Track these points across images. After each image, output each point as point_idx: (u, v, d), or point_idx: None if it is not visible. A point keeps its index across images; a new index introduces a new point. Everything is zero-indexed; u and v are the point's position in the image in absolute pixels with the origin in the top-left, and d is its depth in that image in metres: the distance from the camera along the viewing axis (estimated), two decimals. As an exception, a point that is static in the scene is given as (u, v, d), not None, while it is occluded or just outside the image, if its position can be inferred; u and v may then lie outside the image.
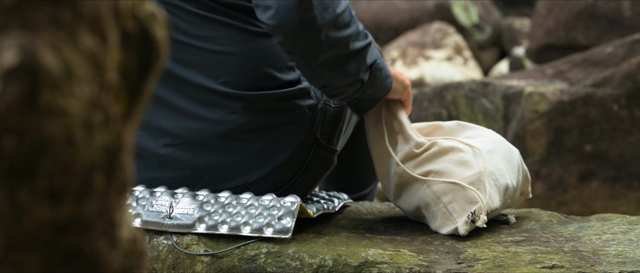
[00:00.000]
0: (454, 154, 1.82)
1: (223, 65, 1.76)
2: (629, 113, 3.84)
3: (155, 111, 1.79)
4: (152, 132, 1.80)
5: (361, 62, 1.71)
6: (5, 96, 0.63)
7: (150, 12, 0.75)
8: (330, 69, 1.69)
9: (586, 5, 5.49)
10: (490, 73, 7.51)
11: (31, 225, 0.65)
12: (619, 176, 3.85)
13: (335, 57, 1.68)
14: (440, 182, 1.80)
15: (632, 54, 4.03)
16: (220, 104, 1.77)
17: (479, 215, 1.75)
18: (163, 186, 1.78)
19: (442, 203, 1.79)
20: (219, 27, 1.76)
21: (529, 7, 8.65)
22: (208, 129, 1.77)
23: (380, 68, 1.77)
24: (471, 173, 1.79)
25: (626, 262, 1.59)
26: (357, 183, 2.08)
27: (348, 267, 1.61)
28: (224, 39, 1.77)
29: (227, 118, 1.77)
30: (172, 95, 1.79)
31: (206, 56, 1.77)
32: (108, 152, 0.69)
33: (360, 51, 1.71)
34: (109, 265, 0.70)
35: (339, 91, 1.75)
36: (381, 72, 1.77)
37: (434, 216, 1.82)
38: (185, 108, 1.78)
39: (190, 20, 1.76)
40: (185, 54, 1.77)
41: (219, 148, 1.78)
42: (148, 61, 0.75)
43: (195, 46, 1.77)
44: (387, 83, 1.80)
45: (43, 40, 0.65)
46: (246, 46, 1.77)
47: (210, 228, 1.70)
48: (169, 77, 1.78)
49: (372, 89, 1.78)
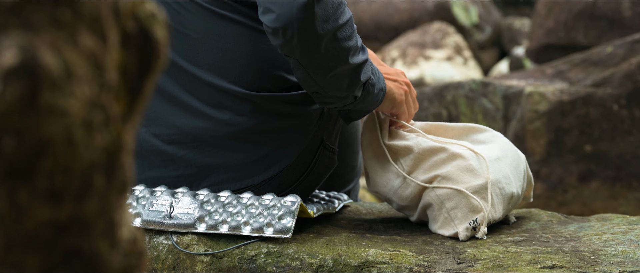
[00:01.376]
0: (462, 161, 1.82)
1: (233, 64, 1.76)
2: (629, 113, 3.84)
3: (164, 107, 1.79)
4: (159, 127, 1.80)
5: (356, 80, 1.72)
6: (5, 96, 0.63)
7: (150, 12, 0.75)
8: (325, 79, 1.69)
9: (586, 5, 5.49)
10: (490, 73, 7.51)
11: (31, 225, 0.65)
12: (619, 176, 3.85)
13: (332, 68, 1.68)
14: (445, 188, 1.80)
15: (632, 54, 4.03)
16: (228, 105, 1.76)
17: (481, 224, 1.77)
18: (163, 186, 1.78)
19: (446, 208, 1.79)
20: (231, 25, 1.76)
21: (529, 7, 8.65)
22: (216, 129, 1.77)
23: (373, 84, 1.77)
24: (477, 182, 1.79)
25: (626, 262, 1.59)
26: (338, 181, 2.08)
27: (348, 267, 1.61)
28: (235, 37, 1.76)
29: (235, 119, 1.77)
30: (181, 92, 1.78)
31: (217, 54, 1.76)
32: (108, 152, 0.69)
33: (357, 67, 1.70)
34: (109, 265, 0.70)
35: (330, 100, 1.75)
36: (374, 88, 1.78)
37: (435, 219, 1.82)
38: (194, 106, 1.78)
39: (203, 17, 1.75)
40: (196, 51, 1.76)
41: (225, 148, 1.78)
42: (148, 61, 0.75)
43: (207, 44, 1.76)
44: (379, 97, 1.80)
45: (43, 40, 0.65)
46: (257, 45, 1.76)
47: (211, 227, 1.70)
48: (180, 73, 1.77)
49: (363, 104, 1.79)
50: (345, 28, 1.66)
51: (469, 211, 1.77)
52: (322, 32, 1.62)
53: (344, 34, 1.66)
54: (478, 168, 1.81)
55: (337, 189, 2.07)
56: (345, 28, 1.66)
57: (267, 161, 1.80)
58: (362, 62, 1.72)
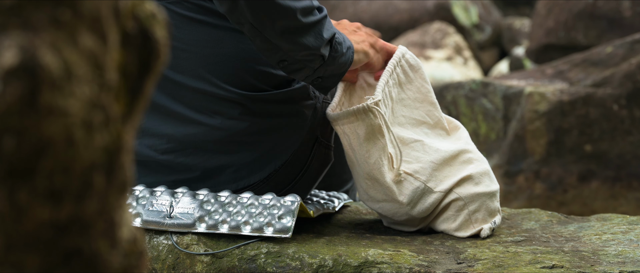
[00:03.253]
0: (480, 164, 1.84)
1: (217, 67, 1.75)
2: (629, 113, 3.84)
3: (153, 118, 1.78)
4: (152, 139, 1.79)
5: (318, 36, 1.67)
6: (5, 96, 0.63)
7: (150, 12, 0.75)
8: (286, 40, 1.65)
9: (586, 5, 5.49)
10: (490, 73, 7.51)
11: (31, 225, 0.65)
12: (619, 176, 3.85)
13: (289, 27, 1.64)
14: (469, 190, 1.81)
15: (632, 54, 4.03)
16: (217, 109, 1.75)
17: (498, 227, 1.83)
18: (163, 186, 1.78)
19: (468, 210, 1.79)
20: (209, 29, 1.75)
21: (529, 7, 8.65)
22: (208, 134, 1.76)
23: (340, 42, 1.72)
24: (494, 187, 1.84)
25: (626, 262, 1.59)
26: (337, 181, 2.07)
27: (348, 267, 1.61)
28: (215, 41, 1.75)
29: (226, 123, 1.76)
30: (168, 101, 1.77)
31: (199, 60, 1.75)
32: (108, 152, 0.69)
33: (314, 24, 1.67)
34: (109, 265, 0.70)
35: (298, 66, 1.70)
36: (341, 46, 1.73)
37: (451, 219, 1.81)
38: (184, 114, 1.77)
39: (179, 24, 1.74)
40: (177, 58, 1.75)
41: (219, 152, 1.78)
42: (148, 61, 0.75)
43: (188, 50, 1.75)
44: (348, 56, 1.75)
45: (43, 40, 0.65)
46: (237, 46, 1.76)
47: (211, 227, 1.70)
48: (165, 83, 1.76)
49: (333, 66, 1.73)
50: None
51: (488, 214, 1.80)
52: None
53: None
54: (492, 173, 1.87)
55: (335, 188, 2.07)
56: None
57: (263, 161, 1.80)
58: (320, 19, 1.68)
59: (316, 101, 1.84)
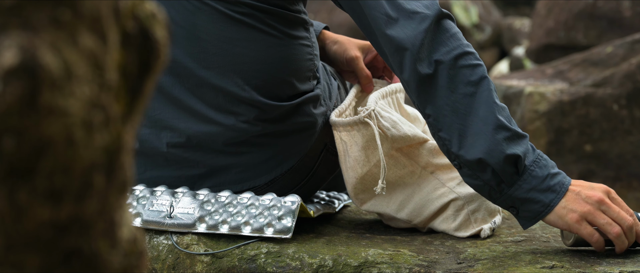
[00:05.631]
0: None
1: (243, 68, 1.74)
2: (629, 113, 3.84)
3: (168, 110, 1.77)
4: (162, 130, 1.79)
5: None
6: (5, 96, 0.63)
7: (150, 12, 0.75)
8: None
9: (586, 5, 5.49)
10: (490, 73, 7.50)
11: (31, 225, 0.65)
12: (619, 176, 3.85)
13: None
14: (468, 190, 1.80)
15: (632, 54, 4.03)
16: (234, 110, 1.75)
17: (497, 227, 1.81)
18: (163, 186, 1.78)
19: (469, 209, 1.79)
20: (245, 29, 1.73)
21: (529, 7, 8.65)
22: (219, 134, 1.76)
23: (536, 161, 1.67)
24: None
25: (626, 262, 1.59)
26: (341, 182, 2.07)
27: (348, 267, 1.61)
28: (248, 42, 1.74)
29: (239, 125, 1.75)
30: (187, 96, 1.76)
31: (227, 58, 1.74)
32: (108, 152, 0.69)
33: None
34: (109, 265, 0.70)
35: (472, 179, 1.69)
36: (539, 169, 1.66)
37: (451, 219, 1.80)
38: (199, 110, 1.76)
39: (217, 19, 1.73)
40: (206, 53, 1.74)
41: (228, 152, 1.77)
42: (148, 60, 0.75)
43: (218, 47, 1.74)
44: (549, 197, 1.64)
45: (43, 40, 0.65)
46: (268, 51, 1.74)
47: (211, 227, 1.70)
48: (188, 75, 1.75)
49: (520, 191, 1.65)
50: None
51: (488, 214, 1.80)
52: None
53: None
54: None
55: (336, 189, 2.07)
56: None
57: (270, 165, 1.79)
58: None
59: (327, 108, 1.84)
